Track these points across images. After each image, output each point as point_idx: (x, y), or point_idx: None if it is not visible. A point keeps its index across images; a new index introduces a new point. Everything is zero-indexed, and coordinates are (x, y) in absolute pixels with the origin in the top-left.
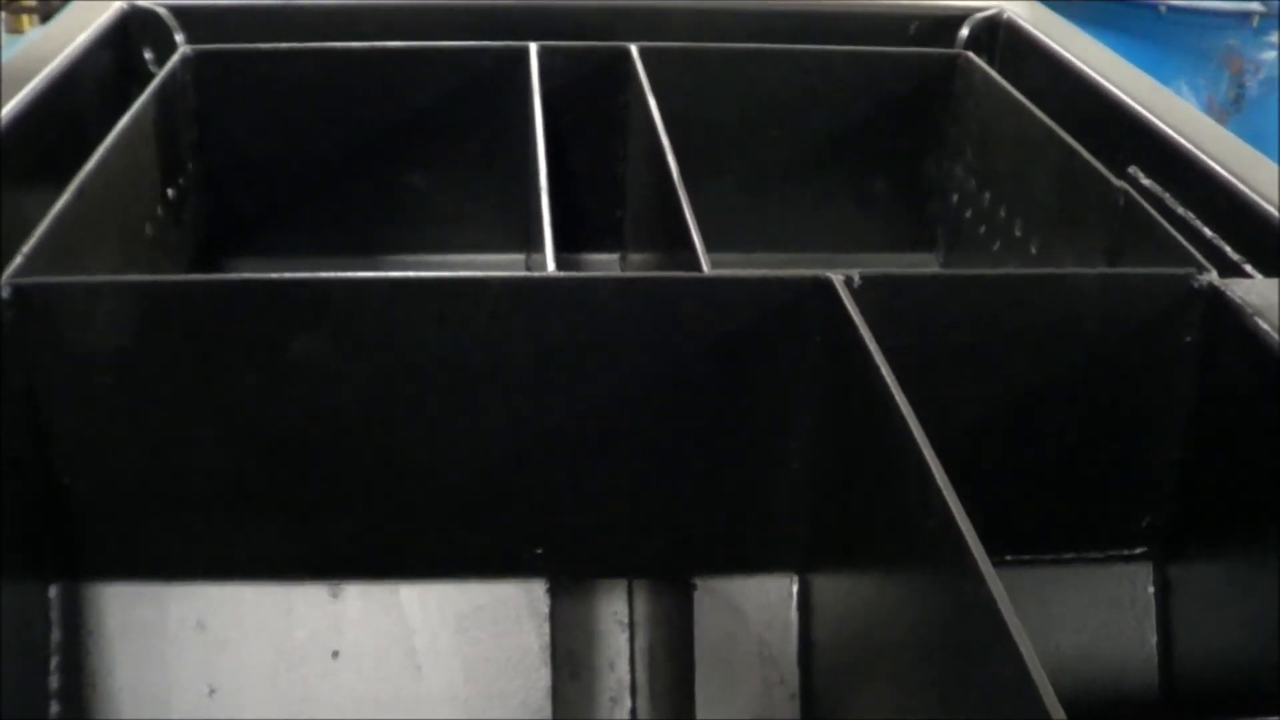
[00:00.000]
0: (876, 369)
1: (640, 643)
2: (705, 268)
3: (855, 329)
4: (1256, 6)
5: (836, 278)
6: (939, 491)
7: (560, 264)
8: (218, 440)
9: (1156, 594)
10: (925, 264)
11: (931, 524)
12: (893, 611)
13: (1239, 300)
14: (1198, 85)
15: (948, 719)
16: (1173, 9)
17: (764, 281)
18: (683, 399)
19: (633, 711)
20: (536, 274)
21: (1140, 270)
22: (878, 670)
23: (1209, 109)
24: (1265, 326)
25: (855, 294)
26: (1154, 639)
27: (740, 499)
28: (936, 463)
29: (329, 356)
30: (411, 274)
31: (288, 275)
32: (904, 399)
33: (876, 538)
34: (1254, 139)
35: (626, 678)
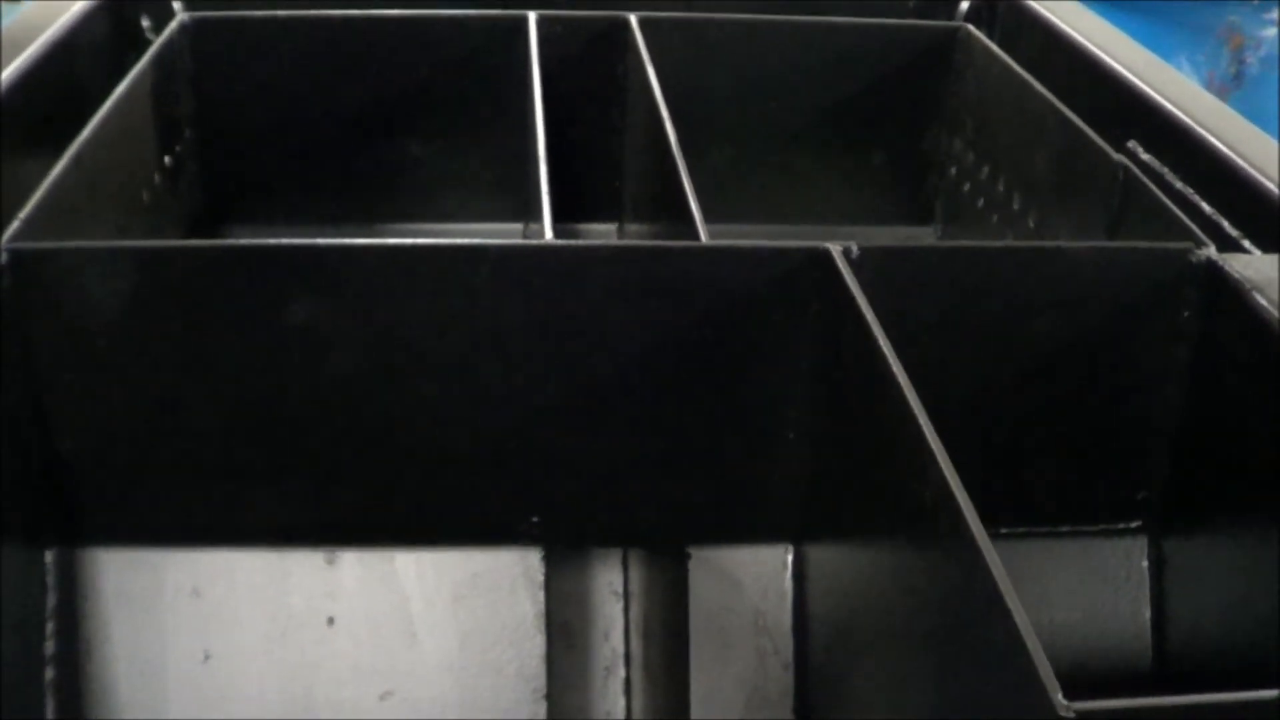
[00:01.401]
0: (874, 339)
1: (635, 613)
2: (703, 238)
3: (853, 300)
4: None
5: (834, 248)
6: (935, 462)
7: (558, 234)
8: (214, 406)
9: (1151, 568)
10: (923, 237)
11: (928, 495)
12: (888, 582)
13: (1237, 275)
14: (1198, 61)
15: (943, 690)
16: None
17: (761, 252)
18: (679, 368)
19: (627, 681)
20: (532, 241)
21: (1138, 244)
22: (873, 641)
23: (1209, 85)
24: (1263, 302)
25: (853, 265)
26: (1148, 613)
27: (736, 469)
28: (933, 433)
29: (324, 322)
30: (406, 240)
31: (282, 240)
32: (901, 369)
33: (873, 508)
34: (1254, 115)
35: (621, 648)
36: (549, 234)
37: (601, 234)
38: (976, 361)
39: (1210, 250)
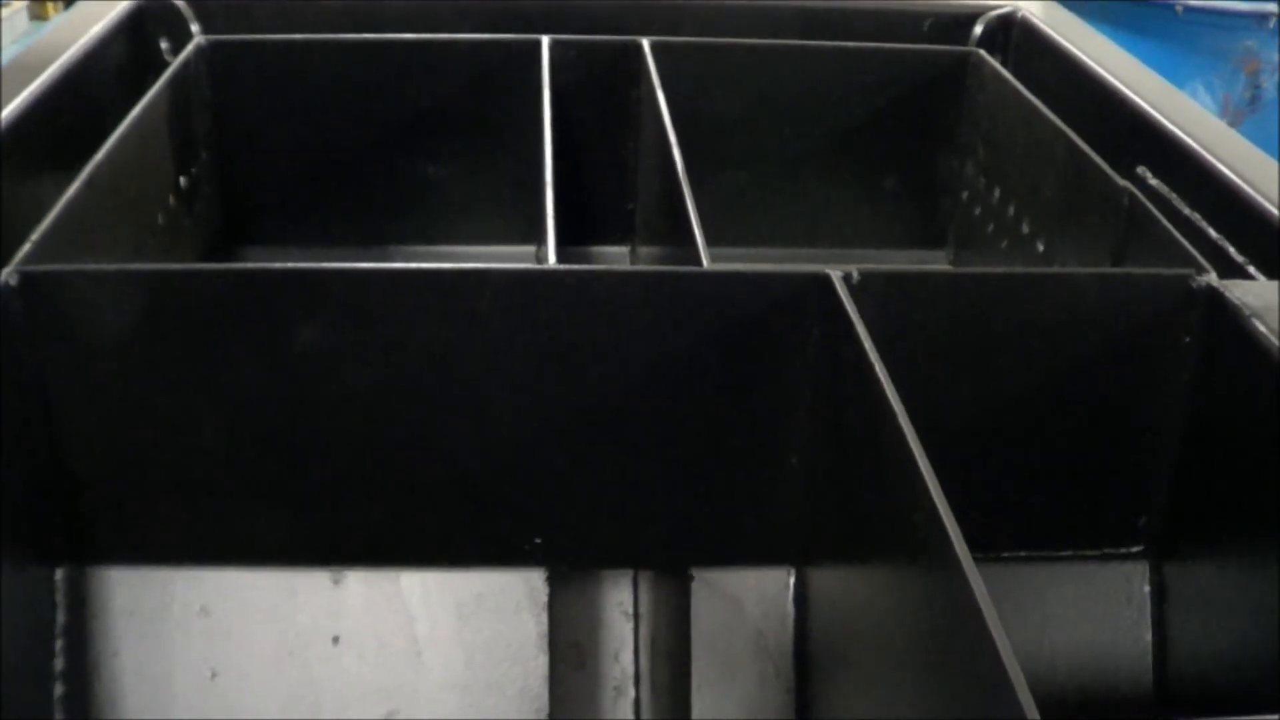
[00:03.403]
0: (870, 365)
1: (644, 633)
2: (705, 261)
3: (852, 325)
4: (1273, 8)
5: (835, 274)
6: (925, 487)
7: (570, 256)
8: (222, 428)
9: (1152, 593)
10: (935, 261)
11: (918, 520)
12: (883, 605)
13: (1237, 301)
14: (1213, 86)
15: (930, 713)
16: (1189, 9)
17: (763, 277)
18: (682, 392)
19: (636, 702)
20: (535, 266)
21: (1139, 270)
22: (868, 664)
23: (1225, 110)
24: (1263, 329)
25: (853, 290)
26: (1149, 637)
27: (738, 491)
28: (924, 459)
29: (330, 346)
30: (410, 265)
31: (289, 265)
32: (895, 395)
33: (870, 533)
34: (1269, 139)
35: (631, 668)
36: (552, 258)
37: (613, 256)
38: (977, 386)
39: (1211, 276)
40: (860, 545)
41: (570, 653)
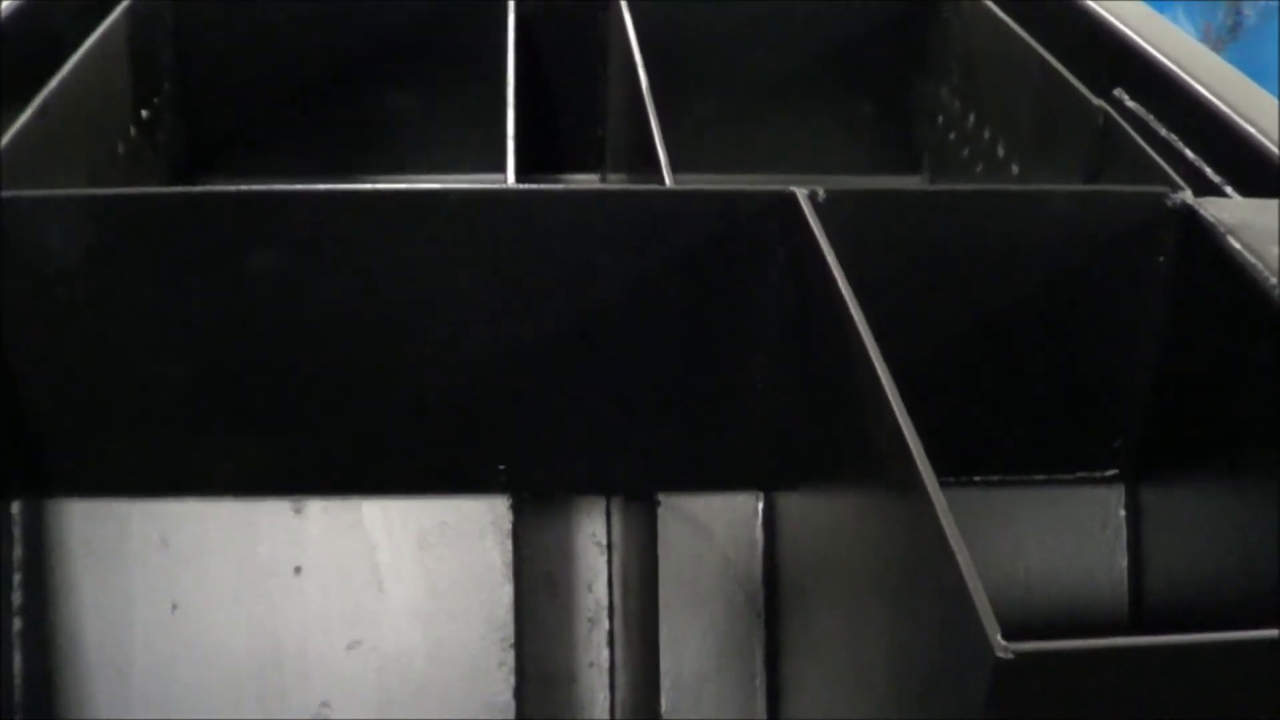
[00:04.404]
0: (835, 284)
1: (616, 564)
2: (669, 184)
3: (817, 244)
4: None
5: (800, 192)
6: (889, 404)
7: (540, 184)
8: (179, 356)
9: (1128, 517)
10: (909, 186)
11: (882, 438)
12: (850, 530)
13: (1212, 219)
14: (1194, 13)
15: (895, 634)
16: None
17: (726, 195)
18: (645, 314)
19: (610, 634)
20: (493, 186)
21: (1112, 187)
22: (837, 590)
23: (1205, 37)
24: (1238, 246)
25: (819, 209)
26: (1124, 562)
27: (705, 415)
28: (888, 376)
29: (288, 270)
30: (367, 186)
31: (243, 188)
32: (860, 314)
33: (835, 455)
34: (1251, 68)
35: (605, 599)
36: (512, 180)
37: (582, 185)
38: (947, 307)
39: (1186, 194)
40: (827, 468)
41: (542, 583)
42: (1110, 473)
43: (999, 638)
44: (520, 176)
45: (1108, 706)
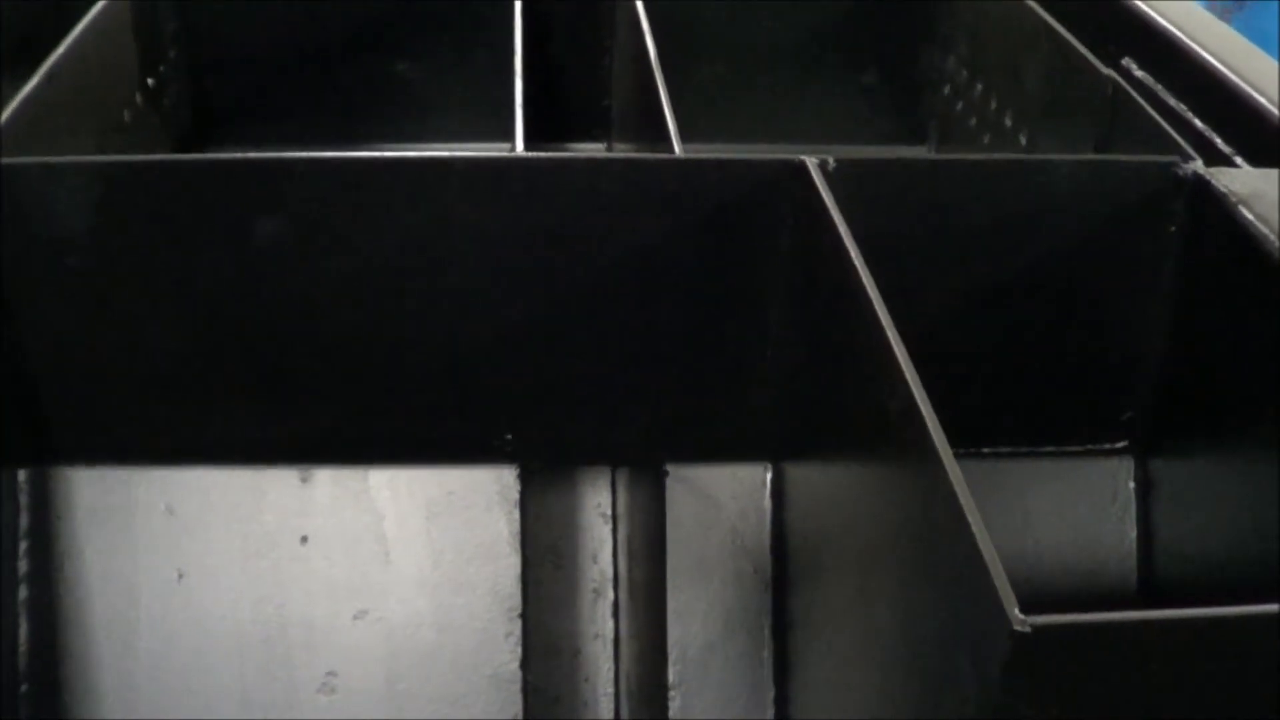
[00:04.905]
0: (847, 253)
1: (621, 535)
2: (677, 152)
3: (827, 212)
4: None
5: (810, 160)
6: (902, 374)
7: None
8: (185, 324)
9: (1137, 489)
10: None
11: (894, 408)
12: (860, 500)
13: (1223, 189)
14: None
15: (908, 606)
16: None
17: (736, 164)
18: (655, 283)
19: (615, 604)
20: (500, 154)
21: (1123, 157)
22: (847, 561)
23: (1211, 5)
24: (1249, 215)
25: (829, 177)
26: (1134, 534)
27: (714, 384)
28: (901, 347)
29: (295, 238)
30: (374, 154)
31: (250, 155)
32: (872, 283)
33: (845, 425)
34: (1256, 37)
35: (610, 570)
36: (520, 148)
37: (591, 153)
38: (957, 277)
39: (1197, 163)
40: (837, 438)
41: (548, 554)
42: (1120, 444)
43: (1016, 611)
44: (528, 145)
45: (1121, 678)
